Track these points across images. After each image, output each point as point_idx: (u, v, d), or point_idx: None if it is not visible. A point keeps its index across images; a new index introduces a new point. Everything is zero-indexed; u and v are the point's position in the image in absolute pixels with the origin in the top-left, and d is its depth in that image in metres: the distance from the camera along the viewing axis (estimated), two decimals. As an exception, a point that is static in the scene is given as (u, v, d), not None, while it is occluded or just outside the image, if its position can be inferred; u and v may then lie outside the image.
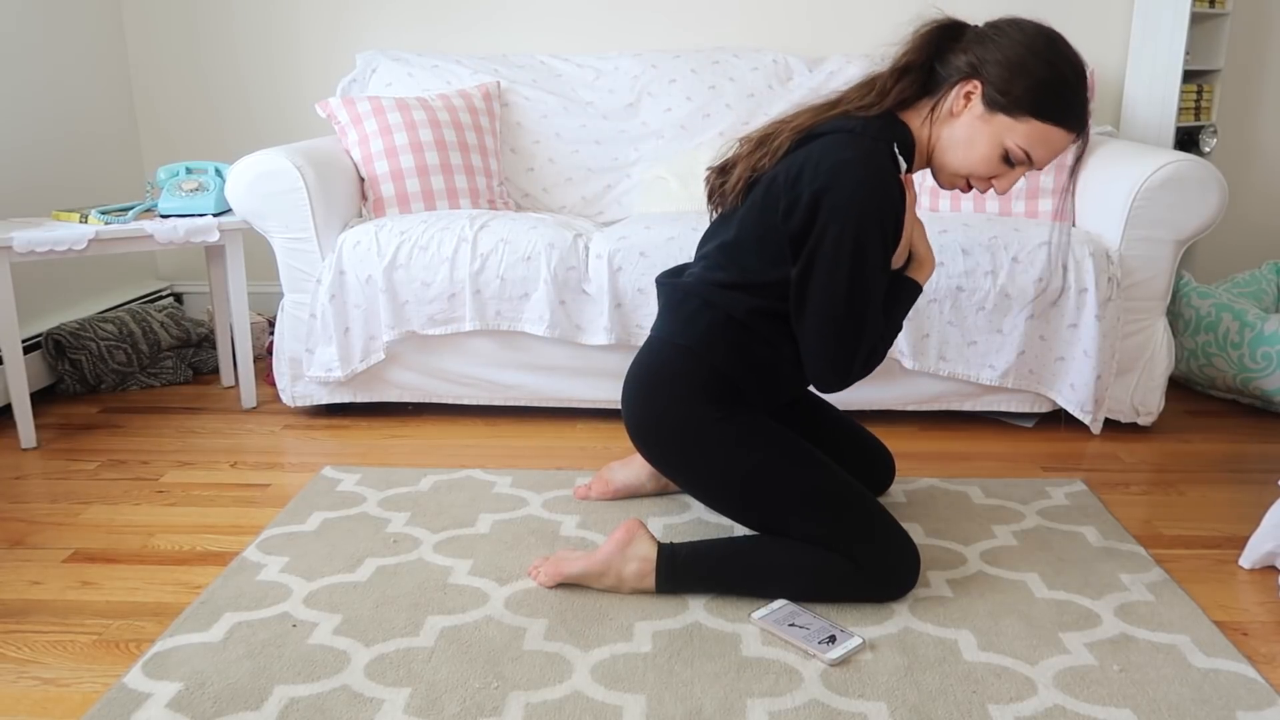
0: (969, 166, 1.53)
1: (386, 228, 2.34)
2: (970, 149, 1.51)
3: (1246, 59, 3.16)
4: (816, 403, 1.89)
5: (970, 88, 1.50)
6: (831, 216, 1.46)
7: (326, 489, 2.04)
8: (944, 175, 1.57)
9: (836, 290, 1.48)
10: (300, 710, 1.32)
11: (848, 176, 1.45)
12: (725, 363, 1.58)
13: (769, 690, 1.36)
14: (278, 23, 3.16)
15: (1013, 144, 1.49)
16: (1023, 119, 1.47)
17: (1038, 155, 1.50)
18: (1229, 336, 2.52)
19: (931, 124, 1.55)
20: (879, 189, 1.46)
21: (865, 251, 1.46)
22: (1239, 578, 1.70)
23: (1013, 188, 1.51)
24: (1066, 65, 1.49)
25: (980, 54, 1.49)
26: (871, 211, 1.45)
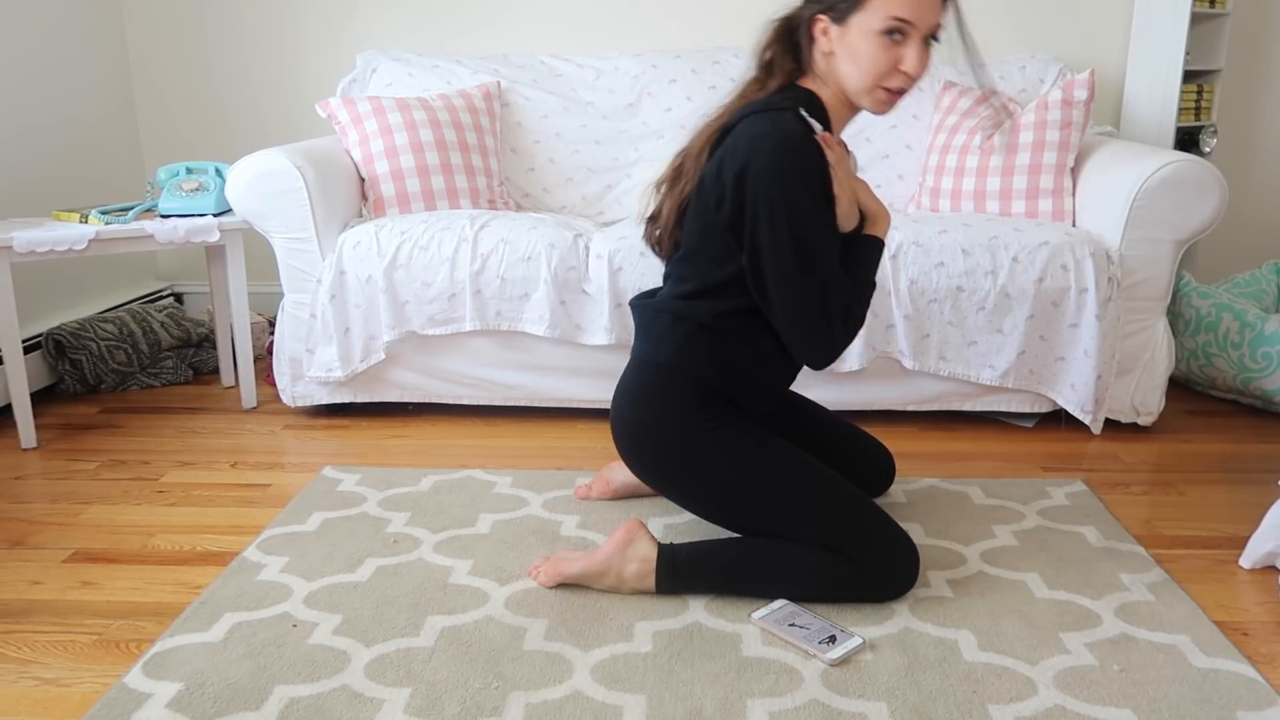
0: (871, 74, 1.51)
1: (387, 228, 2.34)
2: (858, 62, 1.51)
3: (1247, 59, 3.16)
4: (810, 408, 1.90)
5: (820, 23, 1.53)
6: (756, 189, 1.47)
7: (327, 489, 2.04)
8: (866, 101, 1.55)
9: (785, 260, 1.48)
10: (300, 710, 1.32)
11: (761, 148, 1.47)
12: (706, 372, 1.59)
13: (769, 690, 1.36)
14: (278, 23, 3.16)
15: (881, 23, 1.48)
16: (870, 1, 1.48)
17: (909, 13, 1.47)
18: (1229, 336, 2.52)
19: (823, 77, 1.57)
20: (793, 150, 1.46)
21: (800, 213, 1.47)
22: (1239, 578, 1.70)
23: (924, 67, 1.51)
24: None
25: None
26: (791, 172, 1.46)
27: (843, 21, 1.51)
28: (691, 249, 1.61)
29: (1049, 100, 2.51)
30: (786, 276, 1.49)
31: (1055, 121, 2.48)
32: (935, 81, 2.82)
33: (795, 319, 1.52)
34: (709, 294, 1.59)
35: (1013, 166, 2.50)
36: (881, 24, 1.47)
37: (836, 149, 1.53)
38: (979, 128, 2.59)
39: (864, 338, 2.27)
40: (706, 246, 1.58)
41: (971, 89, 2.71)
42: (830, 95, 1.58)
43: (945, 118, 2.68)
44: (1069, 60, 3.08)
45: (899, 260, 2.25)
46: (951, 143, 2.63)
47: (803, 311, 1.51)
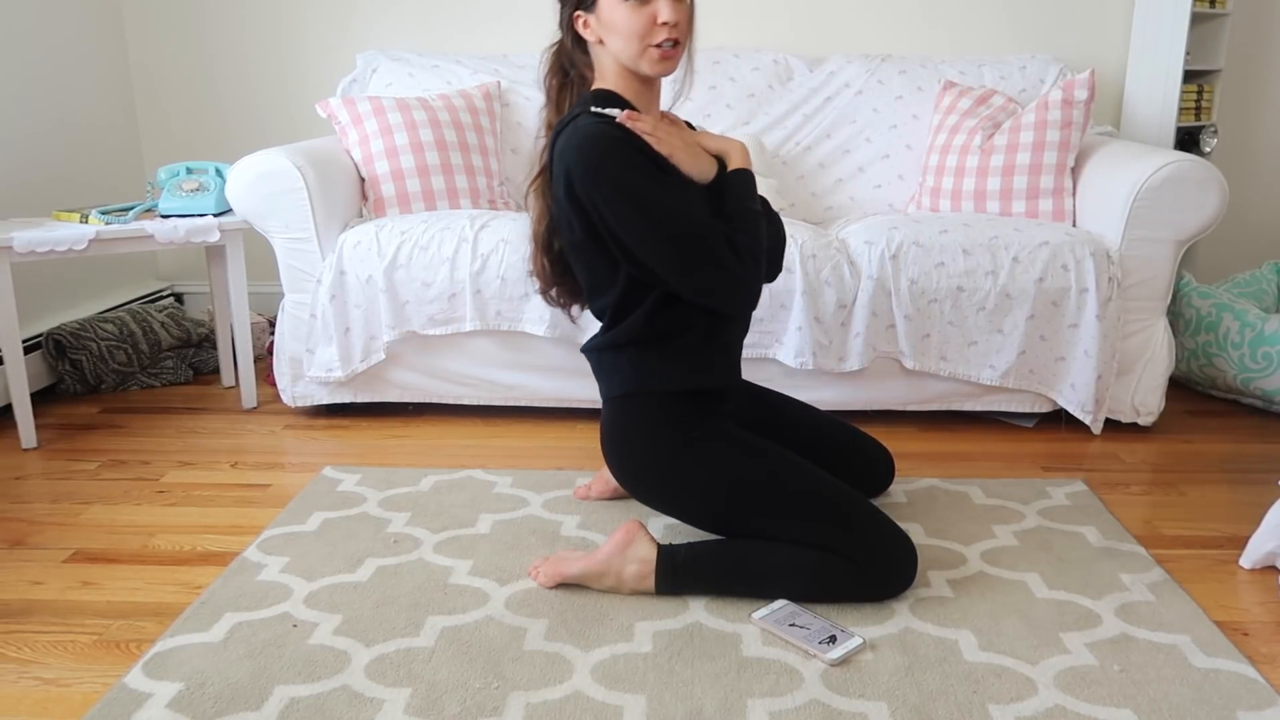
0: (634, 38, 1.53)
1: (387, 228, 2.34)
2: (619, 33, 1.53)
3: (1247, 59, 3.16)
4: (806, 411, 1.90)
5: (579, 18, 1.58)
6: (585, 192, 1.51)
7: (327, 489, 2.04)
8: (645, 66, 1.56)
9: (643, 233, 1.50)
10: (300, 710, 1.32)
11: (570, 157, 1.51)
12: (662, 383, 1.61)
13: (769, 690, 1.36)
14: (278, 23, 3.16)
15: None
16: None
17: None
18: (1229, 336, 2.52)
19: (608, 68, 1.60)
20: (593, 141, 1.49)
21: (630, 186, 1.49)
22: (1239, 578, 1.70)
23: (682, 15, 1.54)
24: None
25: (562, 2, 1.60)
26: (602, 160, 1.49)
27: (593, 7, 1.55)
28: (586, 283, 1.66)
29: (1049, 100, 2.51)
30: (653, 246, 1.50)
31: (1055, 121, 2.48)
32: (935, 81, 2.82)
33: (687, 276, 1.52)
34: (624, 310, 1.62)
35: (1013, 166, 2.50)
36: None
37: (647, 119, 1.55)
38: (979, 128, 2.59)
39: (864, 337, 2.27)
40: (592, 271, 1.62)
41: (971, 89, 2.71)
42: (620, 80, 1.61)
43: (945, 118, 2.68)
44: (1069, 60, 3.08)
45: (899, 260, 2.25)
46: (952, 143, 2.63)
47: (689, 266, 1.51)
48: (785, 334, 2.29)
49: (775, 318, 2.28)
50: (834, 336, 2.28)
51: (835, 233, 2.42)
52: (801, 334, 2.26)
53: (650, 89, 1.63)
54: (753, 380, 2.34)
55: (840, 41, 3.11)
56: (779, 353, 2.30)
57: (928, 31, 3.09)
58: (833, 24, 3.10)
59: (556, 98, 1.68)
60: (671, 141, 1.56)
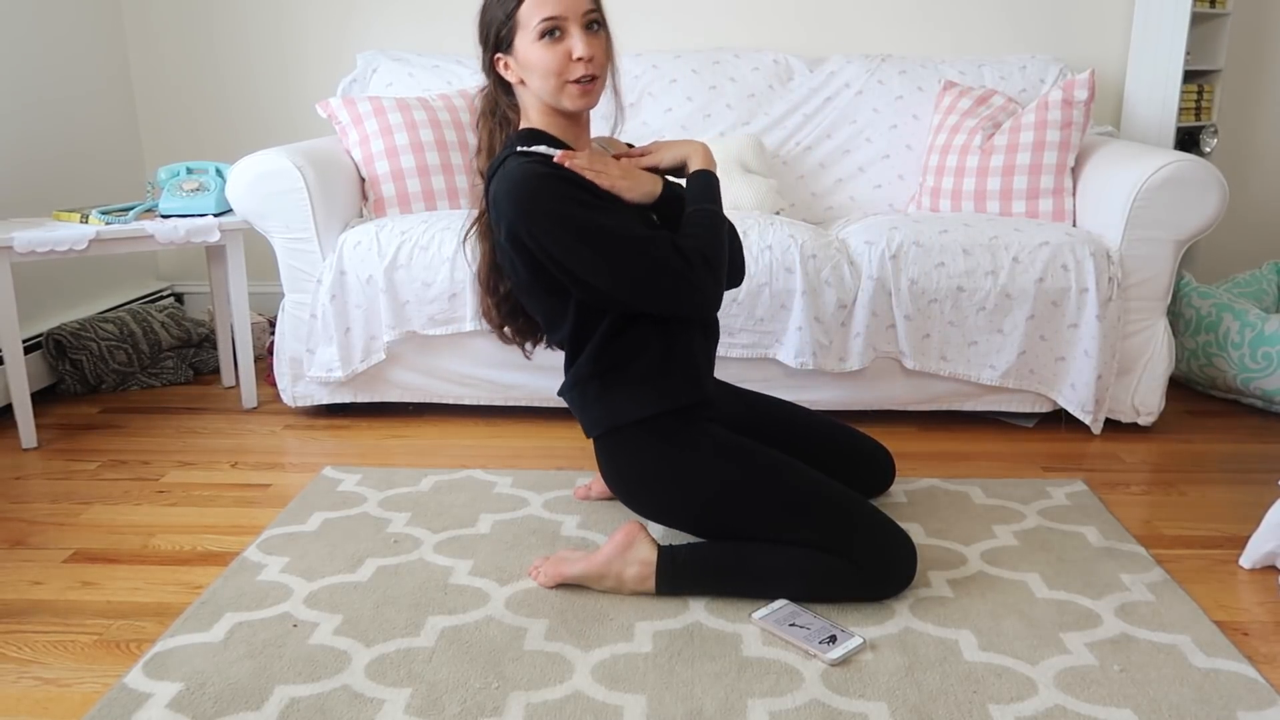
0: (551, 74, 1.54)
1: (387, 228, 2.34)
2: (537, 71, 1.54)
3: (1247, 59, 3.16)
4: (804, 415, 1.90)
5: (499, 61, 1.60)
6: (527, 234, 1.51)
7: (327, 489, 2.04)
8: (566, 102, 1.58)
9: (590, 261, 1.50)
10: (301, 710, 1.32)
11: (504, 204, 1.52)
12: (634, 409, 1.62)
13: (770, 690, 1.36)
14: (278, 23, 3.16)
15: (536, 29, 1.52)
16: (515, 18, 1.54)
17: (553, 10, 1.52)
18: (1229, 336, 2.52)
19: (533, 107, 1.62)
20: (523, 183, 1.50)
21: (569, 219, 1.49)
22: (1239, 578, 1.70)
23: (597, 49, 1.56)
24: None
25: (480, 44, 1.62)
26: (535, 200, 1.49)
27: (511, 49, 1.57)
28: (542, 319, 1.68)
29: (1049, 100, 2.51)
30: (600, 269, 1.51)
31: (1055, 121, 2.48)
32: (935, 81, 2.82)
33: (639, 291, 1.53)
34: (580, 341, 1.64)
35: (1013, 166, 2.50)
36: (535, 32, 1.53)
37: (581, 155, 1.56)
38: (979, 128, 2.59)
39: (865, 337, 2.27)
40: (544, 309, 1.64)
41: (971, 89, 2.71)
42: (545, 117, 1.62)
43: (945, 118, 2.68)
44: (1069, 60, 3.08)
45: (900, 260, 2.25)
46: (952, 143, 2.63)
47: (639, 281, 1.52)
48: (785, 334, 2.29)
49: (775, 318, 2.28)
50: (834, 336, 2.28)
51: (835, 233, 2.42)
52: (802, 334, 2.26)
53: (577, 123, 1.65)
54: (753, 380, 2.35)
55: (840, 41, 3.11)
56: (779, 353, 2.30)
57: (928, 31, 3.09)
58: (833, 24, 3.10)
59: (488, 142, 1.68)
60: (610, 173, 1.57)
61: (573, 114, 1.61)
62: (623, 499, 1.70)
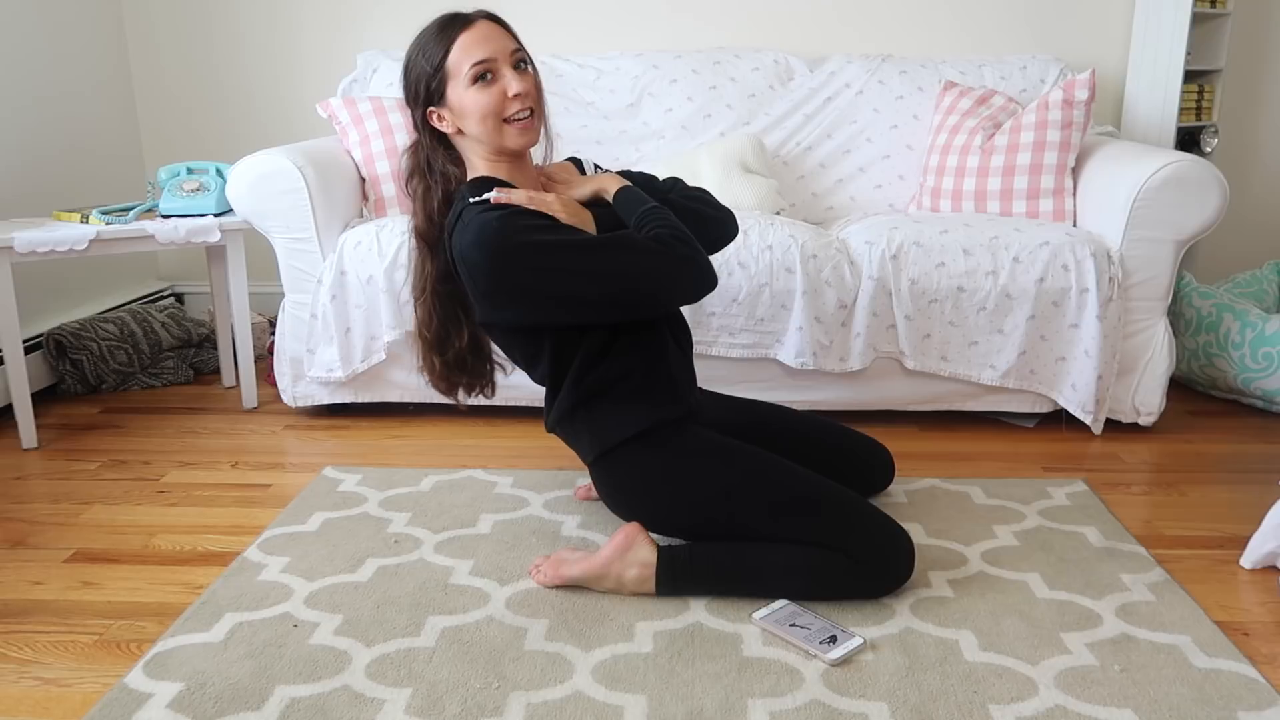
0: (490, 116, 1.57)
1: (388, 228, 2.34)
2: (475, 116, 1.57)
3: (1248, 59, 3.16)
4: (797, 418, 1.89)
5: (432, 114, 1.62)
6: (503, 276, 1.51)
7: (327, 489, 2.04)
8: (508, 142, 1.60)
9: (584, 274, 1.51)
10: (301, 710, 1.32)
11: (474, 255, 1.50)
12: (626, 423, 1.63)
13: (770, 690, 1.36)
14: (279, 23, 3.16)
15: (467, 76, 1.55)
16: (443, 69, 1.57)
17: (480, 54, 1.56)
18: (1230, 337, 2.52)
19: (473, 153, 1.64)
20: (487, 225, 1.50)
21: (544, 244, 1.50)
22: (1240, 578, 1.70)
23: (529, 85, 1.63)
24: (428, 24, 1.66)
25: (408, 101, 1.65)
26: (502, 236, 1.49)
27: (443, 101, 1.59)
28: (522, 359, 1.68)
29: (1050, 100, 2.51)
30: (591, 280, 1.51)
31: (1056, 121, 2.48)
32: (936, 81, 2.82)
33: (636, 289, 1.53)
34: (560, 375, 1.65)
35: (1013, 166, 2.50)
36: (467, 78, 1.55)
37: (518, 191, 1.57)
38: (979, 128, 2.59)
39: (865, 338, 2.27)
40: (523, 347, 1.65)
41: (972, 89, 2.71)
42: (488, 164, 1.63)
43: (946, 118, 2.68)
44: (1070, 60, 3.08)
45: (900, 260, 2.25)
46: (952, 143, 2.63)
47: (636, 275, 1.52)
48: (786, 334, 2.29)
49: (776, 318, 2.28)
50: (835, 336, 2.28)
51: (836, 233, 2.42)
52: (802, 334, 2.26)
53: (520, 163, 1.67)
54: (754, 380, 2.35)
55: (841, 41, 3.10)
56: (779, 353, 2.30)
57: (928, 31, 3.09)
58: (833, 24, 3.10)
59: (423, 201, 1.67)
60: (548, 203, 1.57)
61: (515, 154, 1.64)
62: (622, 515, 1.70)
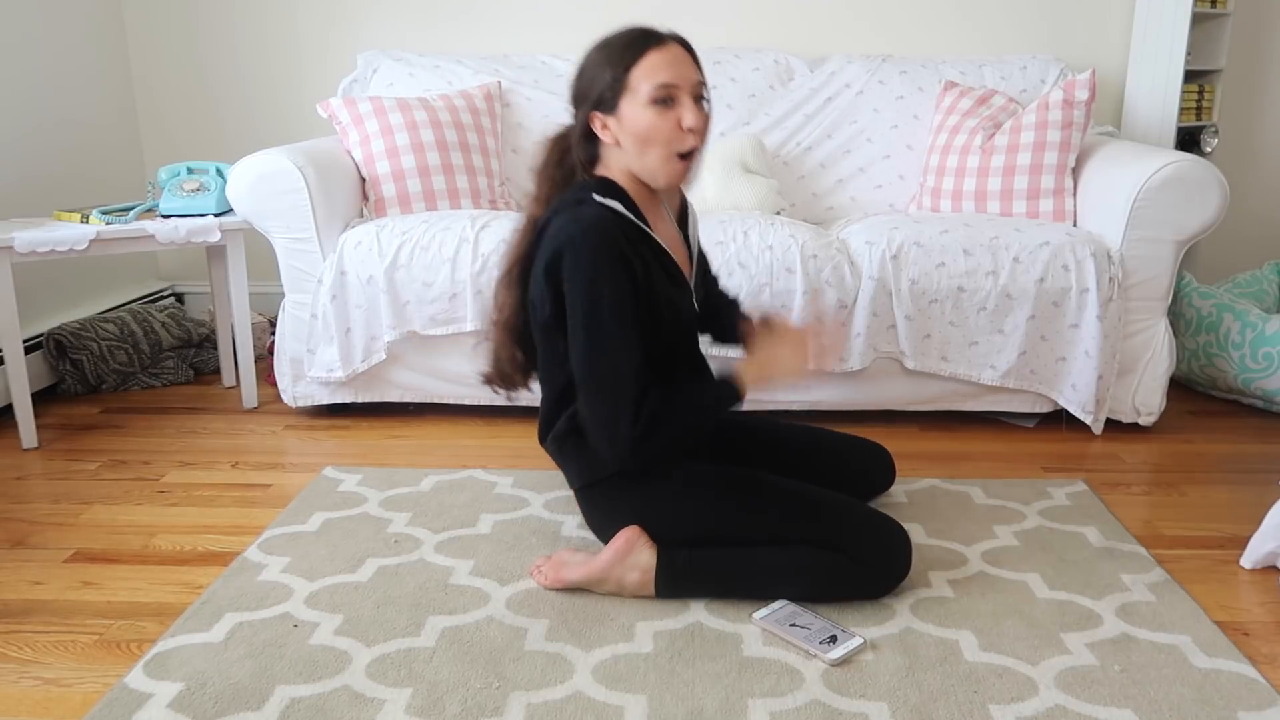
0: (660, 143, 1.53)
1: (388, 228, 2.34)
2: (643, 137, 1.53)
3: (1248, 59, 3.16)
4: (784, 429, 1.88)
5: (597, 119, 1.56)
6: (567, 267, 1.48)
7: (328, 489, 2.05)
8: (662, 178, 1.57)
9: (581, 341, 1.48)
10: (301, 710, 1.32)
11: (565, 235, 1.49)
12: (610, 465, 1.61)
13: (770, 690, 1.36)
14: (279, 23, 3.16)
15: (648, 94, 1.51)
16: (626, 81, 1.52)
17: (667, 77, 1.51)
18: (1230, 337, 2.52)
19: (610, 165, 1.60)
20: (597, 229, 1.47)
21: (599, 297, 1.47)
22: (1240, 578, 1.70)
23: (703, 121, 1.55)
24: (606, 37, 1.59)
25: (574, 100, 1.59)
26: (597, 251, 1.47)
27: (614, 110, 1.54)
28: (543, 364, 1.64)
29: (1050, 100, 2.51)
30: (579, 345, 1.49)
31: (1056, 122, 2.48)
32: (936, 81, 2.82)
33: (585, 393, 1.50)
34: (567, 399, 1.62)
35: (1014, 167, 2.50)
36: (648, 95, 1.51)
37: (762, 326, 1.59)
38: (979, 128, 2.59)
39: (865, 338, 2.27)
40: (551, 353, 1.60)
41: (972, 89, 2.71)
42: (625, 178, 1.60)
43: (946, 118, 2.68)
44: (1070, 60, 3.08)
45: (900, 260, 2.25)
46: (953, 143, 2.63)
47: (592, 386, 1.49)
48: (786, 334, 2.29)
49: (776, 318, 2.28)
50: (834, 337, 2.28)
51: (836, 233, 2.42)
52: (802, 334, 2.26)
53: (653, 198, 1.63)
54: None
55: (841, 41, 3.10)
56: (780, 353, 2.30)
57: (928, 32, 3.09)
58: (833, 24, 3.10)
59: (549, 191, 1.63)
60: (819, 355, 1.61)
61: (659, 188, 1.60)
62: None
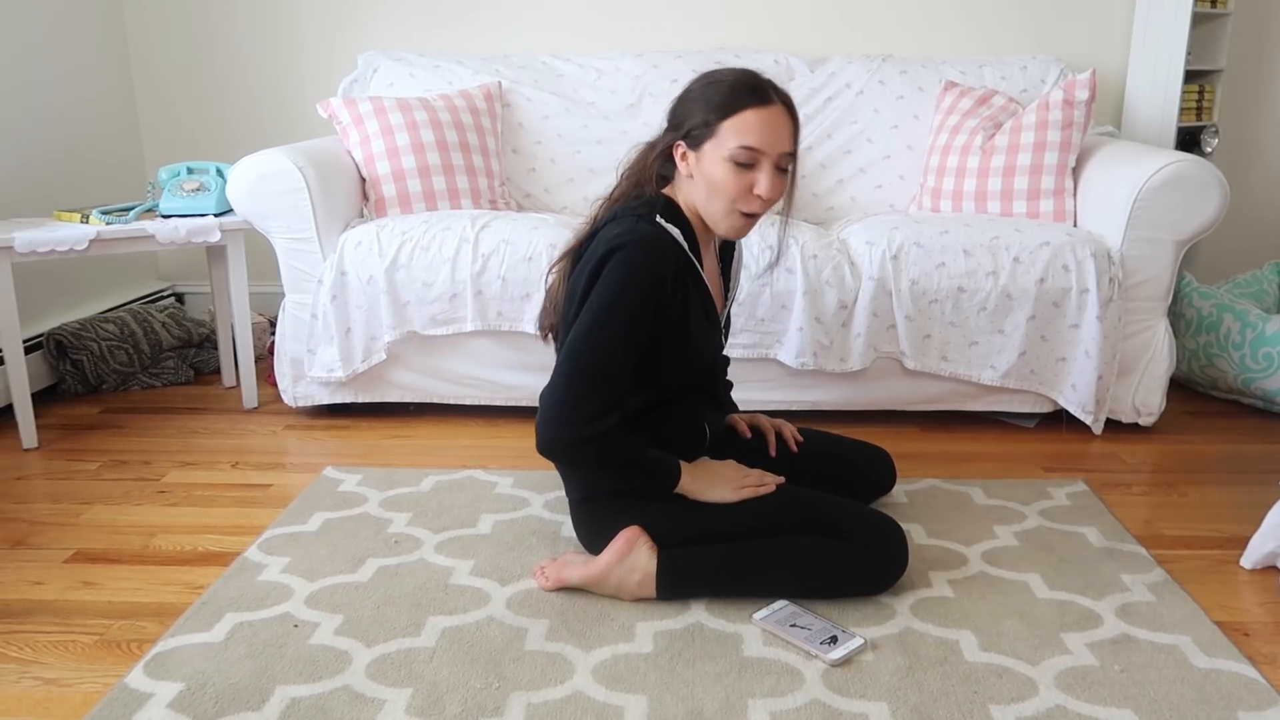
0: (725, 197, 1.54)
1: (388, 228, 2.34)
2: (713, 186, 1.53)
3: (1248, 59, 3.16)
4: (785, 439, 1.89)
5: (680, 148, 1.57)
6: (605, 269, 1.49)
7: (328, 489, 2.05)
8: (722, 226, 1.57)
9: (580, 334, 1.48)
10: (302, 710, 1.32)
11: (615, 245, 1.49)
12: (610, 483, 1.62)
13: (770, 691, 1.36)
14: (279, 23, 3.16)
15: (730, 151, 1.50)
16: (716, 128, 1.51)
17: (757, 141, 1.50)
18: (1230, 337, 2.52)
19: (685, 195, 1.60)
20: (647, 246, 1.48)
21: (614, 308, 1.47)
22: (1240, 578, 1.70)
23: (779, 191, 1.54)
24: (729, 72, 1.56)
25: (669, 120, 1.60)
26: (637, 269, 1.47)
27: (698, 148, 1.54)
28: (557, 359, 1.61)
29: (1050, 100, 2.51)
30: (581, 327, 1.49)
31: (1056, 122, 2.48)
32: (936, 82, 2.82)
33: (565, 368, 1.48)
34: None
35: (1014, 167, 2.50)
36: (732, 151, 1.50)
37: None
38: (980, 128, 2.59)
39: (865, 338, 2.27)
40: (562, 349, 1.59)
41: (972, 89, 2.71)
42: (690, 211, 1.60)
43: (946, 118, 2.68)
44: (1070, 60, 3.08)
45: (900, 260, 2.25)
46: (953, 143, 2.63)
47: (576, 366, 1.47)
48: (786, 334, 2.29)
49: (776, 318, 2.28)
50: (835, 337, 2.28)
51: (836, 233, 2.42)
52: (803, 334, 2.26)
53: (707, 228, 1.63)
54: (754, 380, 2.35)
55: (841, 42, 3.10)
56: (780, 353, 2.30)
57: (929, 32, 3.09)
58: (834, 24, 3.10)
59: (623, 191, 1.64)
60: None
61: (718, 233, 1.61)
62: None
